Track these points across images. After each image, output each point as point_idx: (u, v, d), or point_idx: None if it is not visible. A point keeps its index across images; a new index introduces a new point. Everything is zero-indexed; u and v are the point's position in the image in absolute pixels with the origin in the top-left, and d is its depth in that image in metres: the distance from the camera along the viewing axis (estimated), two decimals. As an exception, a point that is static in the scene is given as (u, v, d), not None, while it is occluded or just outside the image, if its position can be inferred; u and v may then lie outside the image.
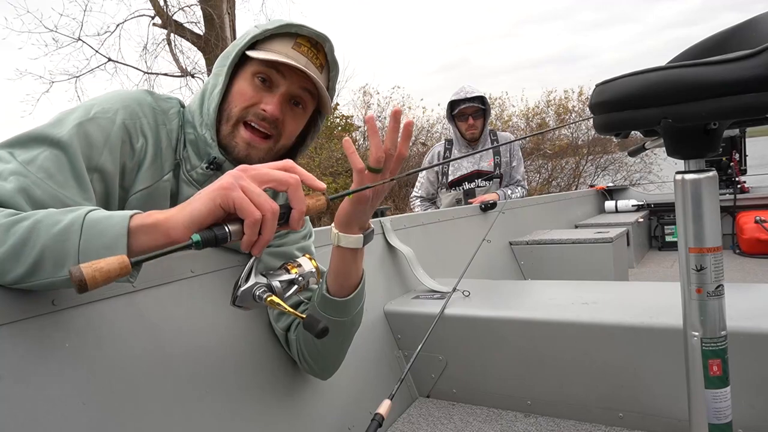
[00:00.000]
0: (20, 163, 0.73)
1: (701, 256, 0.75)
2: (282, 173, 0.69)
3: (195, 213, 0.64)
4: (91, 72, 9.35)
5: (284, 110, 0.94)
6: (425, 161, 3.20)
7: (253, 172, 0.67)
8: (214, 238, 0.63)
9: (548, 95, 10.48)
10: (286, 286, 0.74)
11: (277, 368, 1.09)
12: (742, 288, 1.30)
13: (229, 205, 0.64)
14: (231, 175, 0.66)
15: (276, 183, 0.68)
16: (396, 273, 1.67)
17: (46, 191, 0.73)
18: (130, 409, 0.80)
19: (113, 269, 0.55)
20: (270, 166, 0.69)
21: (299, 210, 0.70)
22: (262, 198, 0.65)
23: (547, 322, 1.27)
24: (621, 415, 1.21)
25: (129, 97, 0.92)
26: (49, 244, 0.63)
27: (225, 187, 0.64)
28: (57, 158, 0.76)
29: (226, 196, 0.64)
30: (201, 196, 0.65)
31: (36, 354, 0.70)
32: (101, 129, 0.84)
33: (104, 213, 0.66)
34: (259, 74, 0.93)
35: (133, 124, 0.89)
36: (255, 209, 0.64)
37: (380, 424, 0.98)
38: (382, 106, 10.36)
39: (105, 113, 0.85)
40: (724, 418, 0.76)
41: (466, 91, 2.92)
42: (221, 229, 0.64)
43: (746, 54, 0.63)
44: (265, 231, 0.66)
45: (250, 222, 0.65)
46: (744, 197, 3.83)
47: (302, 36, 0.95)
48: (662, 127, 0.72)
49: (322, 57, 0.97)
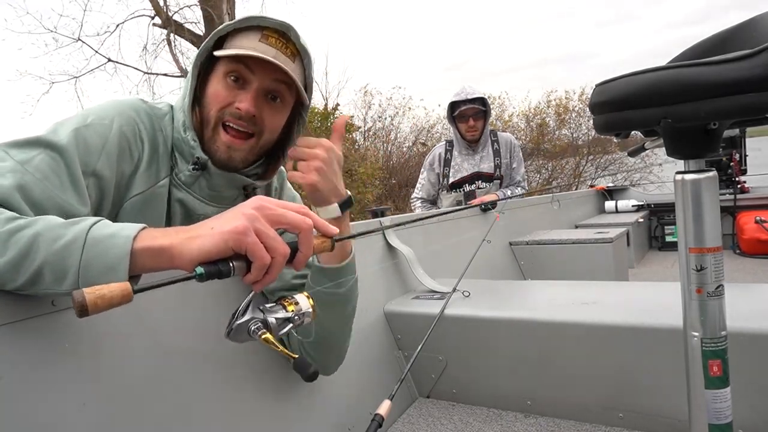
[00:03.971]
0: (17, 162, 0.73)
1: (701, 256, 0.75)
2: (297, 217, 0.68)
3: (204, 249, 0.63)
4: (91, 72, 9.37)
5: (260, 105, 0.92)
6: (426, 162, 3.19)
7: (268, 211, 0.67)
8: (218, 272, 0.63)
9: (548, 95, 10.48)
10: (281, 323, 0.74)
11: (277, 368, 1.09)
12: (742, 288, 1.30)
13: (241, 250, 0.64)
14: (245, 215, 0.65)
15: (290, 226, 0.68)
16: (396, 273, 1.67)
17: (43, 191, 0.72)
18: (130, 409, 0.80)
19: (115, 296, 0.56)
20: (286, 207, 0.69)
21: (306, 254, 0.70)
22: (276, 242, 0.65)
23: (547, 323, 1.27)
24: (621, 416, 1.21)
25: (125, 105, 0.91)
26: (50, 259, 0.62)
27: (239, 232, 0.63)
28: (53, 160, 0.76)
29: (240, 241, 0.63)
30: (213, 233, 0.63)
31: (36, 354, 0.70)
32: (98, 135, 0.83)
33: (107, 230, 0.64)
34: (231, 73, 0.91)
35: (131, 129, 0.89)
36: (266, 255, 0.64)
37: (380, 424, 0.98)
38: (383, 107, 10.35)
39: (102, 120, 0.85)
40: (725, 418, 0.76)
41: (467, 92, 2.91)
42: (226, 265, 0.64)
43: (746, 54, 0.63)
44: (271, 272, 0.66)
45: (258, 265, 0.64)
46: (744, 197, 3.83)
47: (268, 27, 0.92)
48: (662, 127, 0.72)
49: (293, 46, 0.94)
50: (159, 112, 0.96)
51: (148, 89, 9.57)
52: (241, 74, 0.91)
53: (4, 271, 0.63)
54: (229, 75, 0.91)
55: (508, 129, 10.18)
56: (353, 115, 10.27)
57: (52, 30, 8.91)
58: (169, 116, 0.96)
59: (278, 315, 0.74)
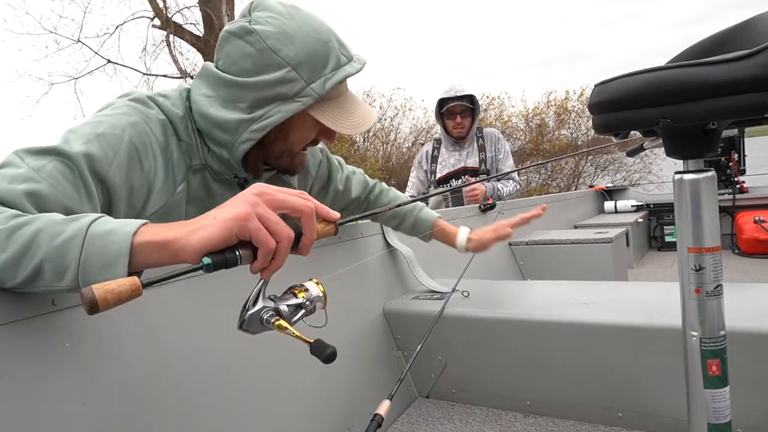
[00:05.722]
0: (31, 168, 0.74)
1: (700, 256, 0.75)
2: (298, 200, 0.68)
3: (208, 238, 0.62)
4: (91, 74, 9.35)
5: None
6: (415, 160, 3.24)
7: (269, 197, 0.66)
8: (225, 261, 0.62)
9: (548, 96, 10.49)
10: (293, 310, 0.74)
11: (276, 368, 1.09)
12: (741, 288, 1.30)
13: (245, 236, 0.63)
14: (247, 201, 0.64)
15: (291, 210, 0.68)
16: (395, 273, 1.67)
17: (54, 198, 0.73)
18: (130, 409, 0.80)
19: (124, 291, 0.55)
20: (286, 192, 0.69)
21: (310, 238, 0.70)
22: (279, 226, 0.65)
23: (547, 323, 1.27)
24: (620, 415, 1.21)
25: (137, 113, 0.91)
26: (49, 256, 0.62)
27: (242, 218, 0.62)
28: (65, 168, 0.76)
29: (243, 227, 0.62)
30: (216, 222, 0.63)
31: (36, 354, 0.70)
32: (110, 145, 0.83)
33: (108, 226, 0.64)
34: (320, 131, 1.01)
35: (141, 141, 0.89)
36: (271, 239, 0.64)
37: (379, 424, 0.98)
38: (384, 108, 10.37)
39: (113, 129, 0.85)
40: (723, 417, 0.76)
41: (456, 89, 2.93)
42: (232, 253, 0.63)
43: (743, 54, 0.63)
44: (278, 257, 0.66)
45: (264, 251, 0.64)
46: (743, 197, 3.83)
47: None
48: (661, 127, 0.72)
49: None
50: (171, 111, 0.95)
51: (148, 91, 9.56)
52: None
53: (4, 268, 0.63)
54: (317, 129, 1.01)
55: (507, 129, 10.18)
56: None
57: (52, 31, 8.91)
58: (181, 114, 0.96)
59: (290, 302, 0.74)
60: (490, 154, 3.03)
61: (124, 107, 0.91)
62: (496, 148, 3.05)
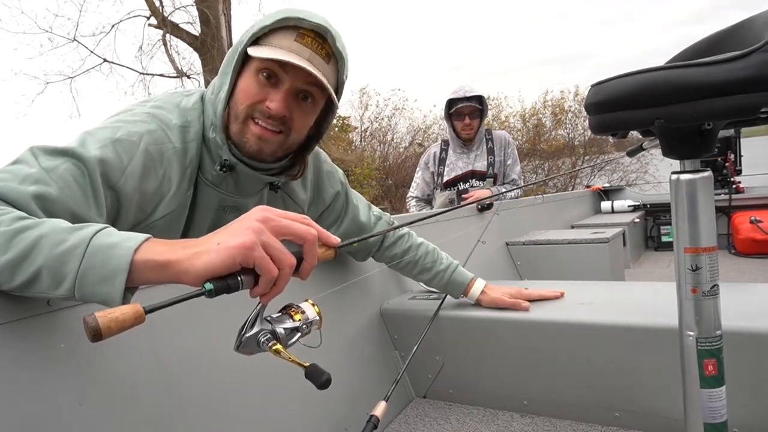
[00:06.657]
0: (43, 169, 0.73)
1: (697, 256, 0.75)
2: (302, 227, 0.68)
3: (211, 264, 0.62)
4: (86, 73, 9.33)
5: (291, 106, 0.92)
6: (421, 161, 3.21)
7: (273, 223, 0.66)
8: (227, 287, 0.63)
9: (545, 95, 10.51)
10: (289, 332, 0.74)
11: (273, 370, 1.08)
12: (737, 288, 1.30)
13: (249, 264, 0.63)
14: (251, 229, 0.64)
15: (295, 237, 0.68)
16: (392, 273, 1.67)
17: (62, 202, 0.73)
18: (126, 409, 0.80)
19: (128, 319, 0.56)
20: (290, 218, 0.69)
21: (311, 264, 0.70)
22: (282, 254, 0.65)
23: (544, 323, 1.27)
24: (617, 415, 1.22)
25: (156, 122, 0.90)
26: (49, 264, 0.62)
27: (247, 247, 0.62)
28: (78, 171, 0.76)
29: (247, 256, 0.62)
30: (220, 248, 0.62)
31: (31, 355, 0.70)
32: (125, 151, 0.83)
33: (111, 239, 0.64)
34: (263, 70, 0.91)
35: (157, 149, 0.89)
36: (274, 267, 0.64)
37: (376, 425, 0.98)
38: (380, 107, 10.35)
39: (130, 136, 0.85)
40: (720, 417, 0.76)
41: (465, 90, 2.92)
42: (234, 279, 0.63)
43: (736, 55, 0.63)
44: (279, 284, 0.66)
45: (266, 279, 0.64)
46: (739, 197, 3.85)
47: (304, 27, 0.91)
48: (656, 127, 0.72)
49: (329, 46, 0.93)
50: (191, 115, 0.95)
51: (144, 90, 9.54)
52: (273, 72, 0.91)
53: (3, 270, 0.63)
54: (262, 72, 0.91)
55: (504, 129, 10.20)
56: (350, 115, 10.26)
57: (47, 30, 8.88)
58: (197, 116, 0.96)
59: (286, 325, 0.74)
60: (499, 158, 3.02)
61: (144, 115, 0.91)
62: (505, 152, 3.03)
